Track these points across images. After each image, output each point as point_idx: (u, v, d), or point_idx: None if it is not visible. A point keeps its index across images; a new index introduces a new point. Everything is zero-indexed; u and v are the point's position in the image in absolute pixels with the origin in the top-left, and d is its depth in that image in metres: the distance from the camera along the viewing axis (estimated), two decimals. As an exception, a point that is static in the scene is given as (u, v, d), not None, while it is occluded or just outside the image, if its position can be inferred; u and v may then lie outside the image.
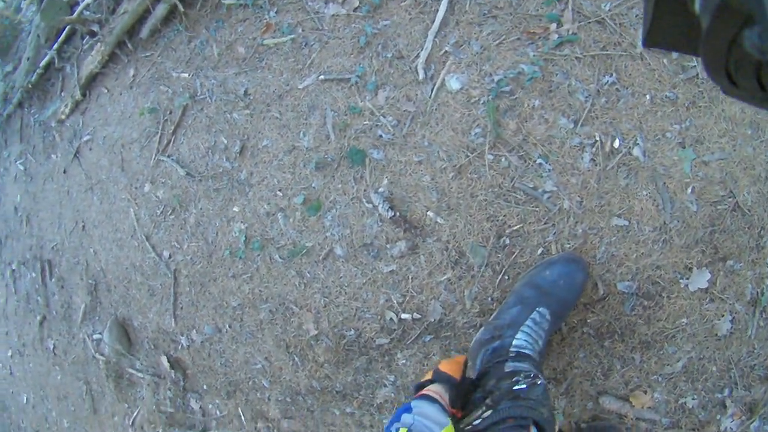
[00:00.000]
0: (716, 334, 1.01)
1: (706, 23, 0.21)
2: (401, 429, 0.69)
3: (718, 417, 1.05)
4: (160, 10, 1.55)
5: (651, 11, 0.27)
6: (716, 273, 1.01)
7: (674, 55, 1.05)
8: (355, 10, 1.21)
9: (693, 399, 1.05)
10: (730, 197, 1.01)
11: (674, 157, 1.03)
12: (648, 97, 1.05)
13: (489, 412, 0.77)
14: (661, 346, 1.03)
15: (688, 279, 1.01)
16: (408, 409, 0.73)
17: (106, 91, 1.74)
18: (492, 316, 1.03)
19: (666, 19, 0.26)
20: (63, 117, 1.93)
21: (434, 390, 0.79)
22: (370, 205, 1.11)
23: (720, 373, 1.03)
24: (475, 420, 0.75)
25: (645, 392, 1.07)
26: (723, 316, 1.00)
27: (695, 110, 1.04)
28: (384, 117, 1.12)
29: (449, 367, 0.84)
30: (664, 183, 1.03)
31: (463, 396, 0.84)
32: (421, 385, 0.82)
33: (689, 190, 1.02)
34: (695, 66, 1.05)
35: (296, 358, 1.24)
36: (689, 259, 1.02)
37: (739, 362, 1.02)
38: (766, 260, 1.02)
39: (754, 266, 1.02)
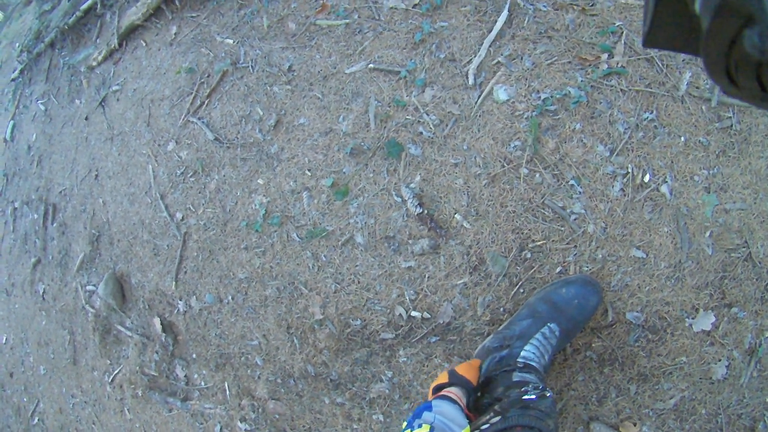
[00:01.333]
0: (711, 378, 1.02)
1: (707, 23, 0.21)
2: (424, 425, 0.69)
3: (701, 462, 1.06)
4: (214, -26, 1.54)
5: (651, 11, 0.27)
6: (720, 318, 1.02)
7: (713, 103, 1.08)
8: (414, 6, 1.21)
9: None
10: (744, 247, 1.03)
11: (699, 200, 1.05)
12: (683, 138, 1.07)
13: (497, 418, 0.77)
14: (658, 380, 1.04)
15: (693, 319, 1.02)
16: (429, 408, 0.73)
17: (144, 44, 1.72)
18: (502, 326, 1.03)
19: (666, 19, 0.26)
20: (94, 64, 1.91)
21: (453, 392, 0.79)
22: (399, 199, 1.10)
23: (708, 416, 1.04)
24: (483, 425, 0.75)
25: (634, 424, 1.08)
26: (720, 360, 1.02)
27: (724, 159, 1.06)
28: (427, 115, 1.12)
29: (466, 370, 0.85)
30: (686, 223, 1.05)
31: (474, 401, 0.84)
32: (440, 387, 0.82)
33: (707, 234, 1.03)
34: (730, 117, 1.07)
35: (295, 340, 1.23)
36: (697, 300, 1.03)
37: (728, 408, 1.03)
38: None
39: (756, 317, 1.03)
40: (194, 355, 1.45)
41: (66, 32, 2.08)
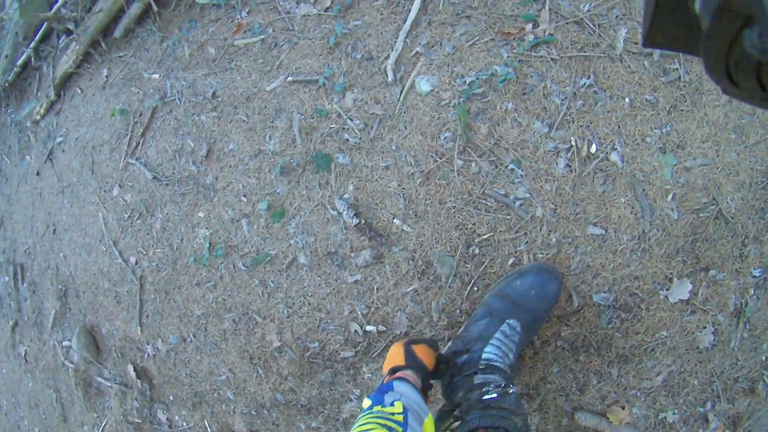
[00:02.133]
0: (698, 347, 0.97)
1: (707, 23, 0.21)
2: (396, 403, 0.66)
3: (701, 431, 1.00)
4: (134, 9, 1.51)
5: (651, 11, 0.26)
6: (698, 283, 0.97)
7: (655, 57, 1.03)
8: (326, 9, 1.17)
9: (674, 413, 1.01)
10: (712, 204, 0.97)
11: (654, 162, 0.99)
12: (627, 100, 1.02)
13: (457, 423, 0.73)
14: (640, 359, 0.99)
15: (668, 290, 0.97)
16: (390, 388, 0.70)
17: (80, 91, 1.70)
18: (461, 329, 0.99)
19: (666, 18, 0.26)
20: (38, 117, 1.89)
21: (410, 375, 0.76)
22: (335, 212, 1.06)
23: (702, 386, 0.99)
24: None
25: (623, 408, 1.03)
26: (705, 327, 0.97)
27: (677, 114, 1.00)
28: (351, 120, 1.07)
29: (423, 352, 0.81)
30: (644, 190, 0.99)
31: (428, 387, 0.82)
32: (396, 369, 0.79)
33: (670, 197, 0.98)
34: (677, 69, 1.02)
35: (260, 370, 1.19)
36: (669, 269, 0.98)
37: (722, 375, 0.98)
38: (750, 269, 0.99)
39: (737, 276, 0.98)
40: (171, 397, 1.42)
41: (8, 89, 2.06)
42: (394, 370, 0.79)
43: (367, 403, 0.70)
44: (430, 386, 0.82)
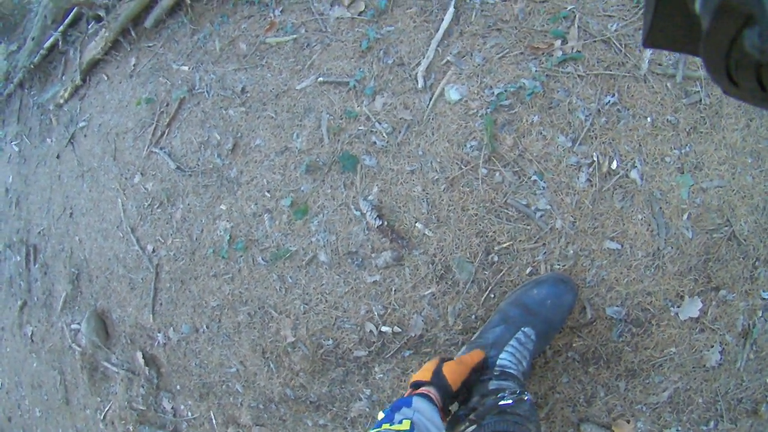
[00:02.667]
0: (704, 365, 0.98)
1: (707, 23, 0.21)
2: (405, 421, 0.67)
3: (703, 451, 1.02)
4: (167, 1, 1.54)
5: (651, 11, 0.26)
6: (708, 302, 0.98)
7: (678, 78, 1.04)
8: (360, 14, 1.19)
9: (677, 430, 1.02)
10: (726, 226, 0.99)
11: (672, 182, 1.01)
12: (649, 119, 1.03)
13: (473, 427, 0.74)
14: (648, 374, 1.00)
15: (678, 307, 0.98)
16: (408, 404, 0.71)
17: (106, 78, 1.72)
18: (475, 335, 1.00)
19: (666, 19, 0.26)
20: (61, 101, 1.91)
21: (432, 392, 0.77)
22: (358, 213, 1.08)
23: (706, 405, 1.00)
24: None
25: (628, 421, 1.04)
26: (713, 346, 0.98)
27: (696, 136, 1.02)
28: (379, 123, 1.09)
29: (452, 370, 0.82)
30: (660, 208, 1.00)
31: (449, 408, 0.82)
32: (419, 384, 0.80)
33: (685, 217, 0.99)
34: (698, 91, 1.03)
35: (271, 365, 1.20)
36: (681, 287, 0.99)
37: (726, 395, 0.99)
38: (759, 292, 1.00)
39: (747, 297, 0.99)
40: (178, 387, 1.43)
41: (33, 71, 2.08)
42: (417, 385, 0.80)
43: (380, 415, 0.72)
44: (449, 409, 0.82)
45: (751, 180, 1.00)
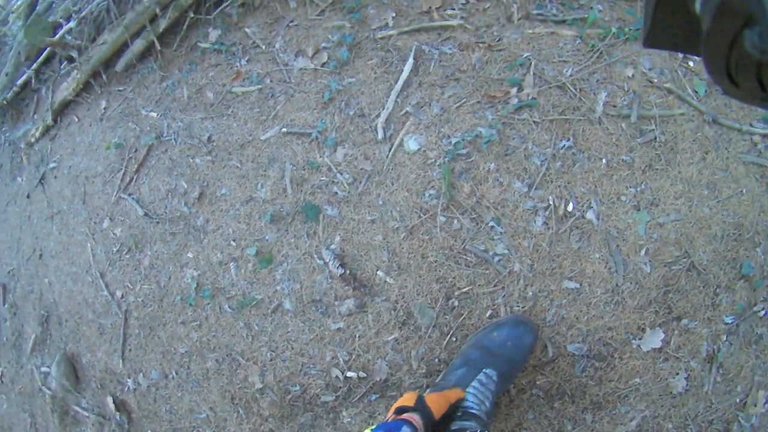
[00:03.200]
0: (671, 392, 1.01)
1: (707, 23, 0.21)
2: None
3: (675, 475, 1.05)
4: (138, 46, 1.56)
5: (652, 11, 0.27)
6: (670, 332, 1.02)
7: (633, 119, 1.09)
8: (323, 65, 1.23)
9: None
10: (685, 257, 1.02)
11: (628, 219, 1.05)
12: (604, 161, 1.08)
13: None
14: (614, 406, 1.03)
15: (640, 339, 1.02)
16: (396, 429, 0.72)
17: (77, 119, 1.73)
18: (439, 378, 1.03)
19: (666, 19, 0.27)
20: (33, 140, 1.90)
21: (416, 420, 0.78)
22: (321, 262, 1.10)
23: (676, 429, 1.03)
24: None
25: None
26: (678, 374, 1.01)
27: (651, 173, 1.06)
28: (341, 174, 1.13)
29: (434, 400, 0.83)
30: (617, 246, 1.04)
31: None
32: (402, 410, 0.81)
33: (643, 252, 1.03)
34: (653, 129, 1.08)
35: (241, 411, 1.21)
36: (642, 319, 1.02)
37: (696, 418, 1.02)
38: (722, 317, 1.03)
39: (709, 324, 1.03)
40: (149, 432, 1.42)
41: (5, 108, 2.07)
42: (401, 410, 0.81)
43: None
44: None
45: (708, 211, 1.04)
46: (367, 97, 1.17)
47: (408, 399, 0.83)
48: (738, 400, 1.04)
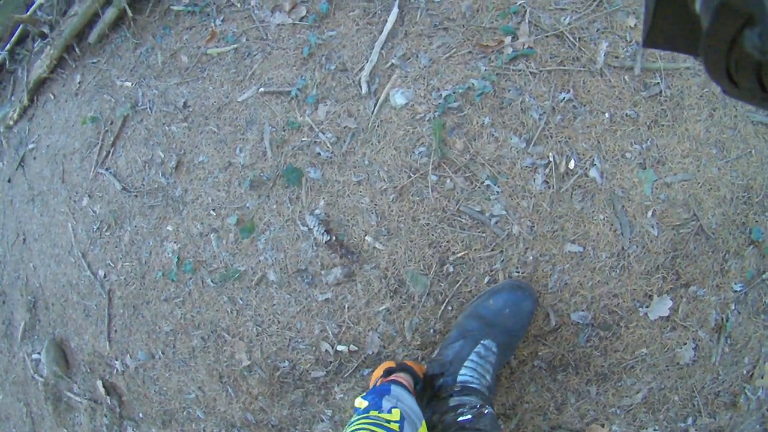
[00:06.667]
0: (678, 363, 0.96)
1: (707, 23, 0.21)
2: (394, 411, 0.65)
3: (682, 447, 0.99)
4: (109, 15, 1.47)
5: (651, 11, 0.26)
6: (678, 300, 0.96)
7: (636, 71, 1.01)
8: (301, 19, 1.14)
9: (655, 430, 1.00)
10: (693, 220, 0.96)
11: (634, 178, 0.97)
12: (607, 115, 1.00)
13: None
14: (619, 377, 0.98)
15: (647, 307, 0.96)
16: (387, 391, 0.70)
17: (52, 97, 1.65)
18: (435, 352, 0.96)
19: (666, 19, 0.26)
20: (11, 123, 1.83)
21: (404, 378, 0.76)
22: (305, 228, 1.03)
23: (683, 402, 0.98)
24: None
25: (602, 425, 1.02)
26: (685, 344, 0.96)
27: (657, 129, 0.99)
28: (323, 133, 1.05)
29: (411, 363, 0.83)
30: (623, 206, 0.97)
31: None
32: (390, 371, 0.79)
33: (650, 214, 0.96)
34: (658, 83, 1.00)
35: (230, 389, 1.15)
36: (649, 286, 0.96)
37: (703, 390, 0.98)
38: (731, 284, 0.98)
39: (718, 291, 0.97)
40: (141, 415, 1.38)
41: (-18, 94, 2.00)
42: (389, 371, 0.79)
43: (362, 403, 0.69)
44: (419, 393, 0.83)
45: (716, 171, 0.97)
46: (349, 50, 1.08)
47: (387, 363, 0.82)
48: (745, 372, 0.99)
